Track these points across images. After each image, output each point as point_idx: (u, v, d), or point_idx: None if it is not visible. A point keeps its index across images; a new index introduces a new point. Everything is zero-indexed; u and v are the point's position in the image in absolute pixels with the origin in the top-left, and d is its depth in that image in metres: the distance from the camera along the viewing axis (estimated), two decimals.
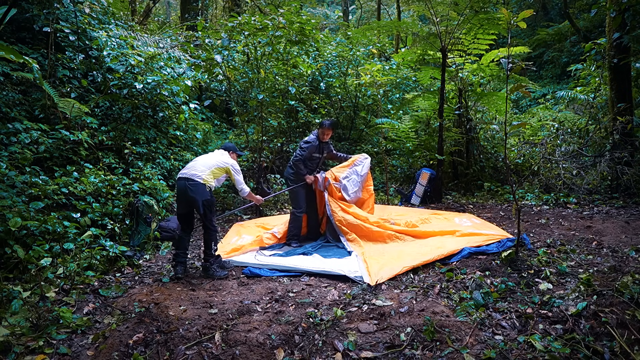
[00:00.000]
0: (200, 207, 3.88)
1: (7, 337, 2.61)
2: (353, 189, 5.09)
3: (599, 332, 2.38)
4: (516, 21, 3.35)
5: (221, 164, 4.12)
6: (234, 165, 4.21)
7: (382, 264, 3.84)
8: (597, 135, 6.64)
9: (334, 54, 9.16)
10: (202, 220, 4.01)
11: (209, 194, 3.93)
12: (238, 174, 4.22)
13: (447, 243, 4.25)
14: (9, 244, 3.53)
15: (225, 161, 4.16)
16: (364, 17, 21.22)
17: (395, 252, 4.19)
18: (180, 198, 3.97)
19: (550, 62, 14.90)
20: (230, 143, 4.50)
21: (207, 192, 3.92)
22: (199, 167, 3.99)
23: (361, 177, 5.17)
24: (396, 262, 3.86)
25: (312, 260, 4.28)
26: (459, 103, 7.58)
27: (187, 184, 3.87)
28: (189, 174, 3.92)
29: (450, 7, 6.39)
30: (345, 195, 5.02)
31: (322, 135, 4.94)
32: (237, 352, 2.50)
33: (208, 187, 3.93)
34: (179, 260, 3.97)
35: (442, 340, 2.50)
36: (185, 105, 6.75)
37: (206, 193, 3.90)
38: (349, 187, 5.07)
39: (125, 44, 6.43)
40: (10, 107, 5.02)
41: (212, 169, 4.02)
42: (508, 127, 3.45)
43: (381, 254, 4.12)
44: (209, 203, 3.92)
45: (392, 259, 3.99)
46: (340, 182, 5.04)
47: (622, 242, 4.09)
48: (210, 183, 3.98)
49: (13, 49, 3.18)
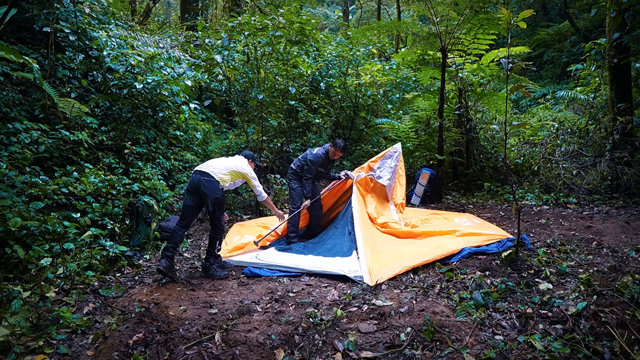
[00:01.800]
0: (210, 203, 3.90)
1: (7, 337, 2.61)
2: (387, 176, 5.44)
3: (599, 332, 2.38)
4: (516, 21, 3.35)
5: (240, 169, 4.19)
6: (251, 172, 4.30)
7: (382, 264, 3.84)
8: (597, 135, 6.64)
9: (334, 54, 9.15)
10: (210, 218, 4.04)
11: (220, 192, 3.95)
12: (255, 180, 4.33)
13: (447, 243, 4.25)
14: (9, 244, 3.53)
15: (244, 167, 4.25)
16: (364, 17, 21.22)
17: (395, 252, 4.19)
18: (191, 190, 3.97)
19: (550, 62, 14.90)
20: (249, 152, 4.61)
21: (220, 190, 3.95)
22: (217, 166, 4.06)
23: (395, 165, 5.52)
24: (396, 262, 3.86)
25: (312, 259, 4.28)
26: (459, 103, 7.58)
27: (202, 179, 3.90)
28: (205, 169, 3.97)
29: (450, 7, 6.38)
30: (381, 182, 5.37)
31: (333, 155, 5.01)
32: (237, 352, 2.50)
33: (221, 186, 3.97)
34: (165, 254, 3.86)
35: (442, 340, 2.50)
36: (185, 105, 6.75)
37: (219, 191, 3.93)
38: (383, 175, 5.43)
39: (125, 44, 6.43)
40: (10, 107, 5.02)
41: (229, 171, 4.09)
42: (508, 127, 3.45)
43: (380, 254, 4.11)
44: (219, 201, 3.95)
45: (392, 258, 3.99)
46: (374, 171, 5.41)
47: (622, 242, 4.09)
48: (225, 183, 4.03)
49: (13, 49, 3.18)
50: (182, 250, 4.98)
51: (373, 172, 5.40)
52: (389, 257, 4.05)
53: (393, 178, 5.50)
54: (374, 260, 3.89)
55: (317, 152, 5.01)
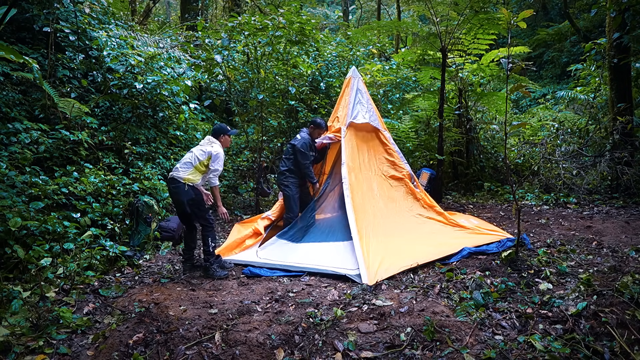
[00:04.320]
0: (186, 207, 3.85)
1: (7, 337, 2.61)
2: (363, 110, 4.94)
3: (599, 332, 2.38)
4: (516, 21, 3.35)
5: (201, 156, 3.92)
6: (214, 151, 3.94)
7: (381, 261, 3.79)
8: (597, 135, 6.64)
9: (334, 54, 9.14)
10: (196, 219, 4.01)
11: (192, 193, 3.84)
12: (216, 162, 3.94)
13: (447, 243, 4.25)
14: (9, 244, 3.53)
15: (204, 151, 3.94)
16: (364, 17, 21.21)
17: (394, 249, 4.11)
18: (172, 200, 4.01)
19: (550, 62, 14.90)
20: (219, 125, 4.24)
21: (190, 191, 3.84)
22: (181, 166, 3.90)
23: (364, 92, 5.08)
24: (396, 260, 3.84)
25: (312, 249, 4.23)
26: (459, 103, 7.58)
27: (170, 186, 3.87)
28: (173, 175, 3.88)
29: (450, 7, 6.38)
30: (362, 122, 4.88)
31: (319, 135, 4.87)
32: (237, 352, 2.50)
33: (191, 184, 3.84)
34: (185, 258, 4.11)
35: (442, 340, 2.50)
36: (185, 105, 6.75)
37: (189, 192, 3.83)
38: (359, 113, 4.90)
39: (125, 44, 6.42)
40: (10, 107, 5.02)
41: (195, 165, 3.89)
42: (508, 127, 3.45)
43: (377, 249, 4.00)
44: (194, 202, 3.86)
45: (391, 255, 3.94)
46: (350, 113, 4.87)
47: (622, 242, 4.09)
48: (193, 180, 3.87)
49: (13, 49, 3.18)
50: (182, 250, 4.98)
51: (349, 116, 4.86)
52: (389, 253, 3.95)
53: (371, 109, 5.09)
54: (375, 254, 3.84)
55: (301, 139, 4.82)
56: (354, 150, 4.79)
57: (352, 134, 4.87)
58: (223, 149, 4.11)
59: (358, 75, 5.19)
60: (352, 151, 4.75)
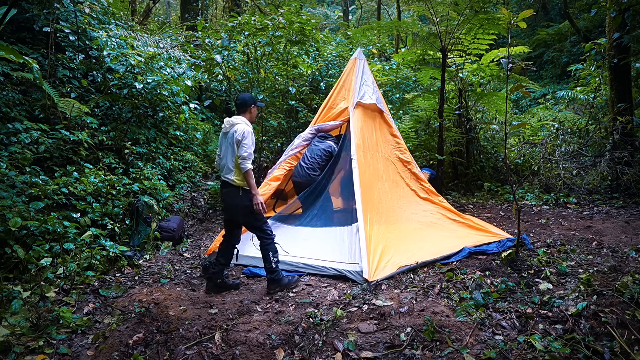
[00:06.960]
0: (239, 214, 3.44)
1: (7, 337, 2.61)
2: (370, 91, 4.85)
3: (599, 332, 2.38)
4: (516, 21, 3.35)
5: (236, 146, 3.34)
6: (241, 131, 3.32)
7: (381, 254, 3.75)
8: (597, 135, 6.64)
9: (334, 54, 9.14)
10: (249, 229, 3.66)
11: (247, 199, 3.37)
12: (246, 139, 3.31)
13: (447, 237, 4.24)
14: (9, 244, 3.53)
15: (239, 136, 3.32)
16: (364, 17, 21.21)
17: (394, 240, 4.05)
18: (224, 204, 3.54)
19: (550, 62, 14.90)
20: (243, 96, 3.53)
21: (244, 197, 3.38)
22: (229, 166, 3.39)
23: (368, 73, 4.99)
24: (395, 255, 3.82)
25: (311, 239, 4.13)
26: (459, 103, 7.58)
27: (224, 191, 3.43)
28: (224, 177, 3.40)
29: (450, 7, 6.38)
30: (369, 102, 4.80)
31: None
32: (237, 352, 2.50)
33: (242, 191, 3.38)
34: (211, 273, 3.51)
35: (442, 340, 2.50)
36: (185, 105, 6.75)
37: (243, 198, 3.38)
38: (365, 94, 4.81)
39: (125, 44, 6.42)
40: (10, 107, 5.02)
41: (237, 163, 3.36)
42: (508, 127, 3.45)
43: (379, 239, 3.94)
44: (247, 209, 3.40)
45: (391, 247, 3.90)
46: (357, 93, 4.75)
47: (622, 242, 4.09)
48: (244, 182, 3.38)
49: (13, 49, 3.18)
50: (182, 250, 4.98)
51: (356, 96, 4.75)
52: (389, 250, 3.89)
53: (377, 90, 4.99)
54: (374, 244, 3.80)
55: (327, 144, 4.70)
56: (363, 129, 4.70)
57: (360, 112, 4.78)
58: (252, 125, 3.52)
59: (363, 57, 5.09)
60: (361, 130, 4.66)
